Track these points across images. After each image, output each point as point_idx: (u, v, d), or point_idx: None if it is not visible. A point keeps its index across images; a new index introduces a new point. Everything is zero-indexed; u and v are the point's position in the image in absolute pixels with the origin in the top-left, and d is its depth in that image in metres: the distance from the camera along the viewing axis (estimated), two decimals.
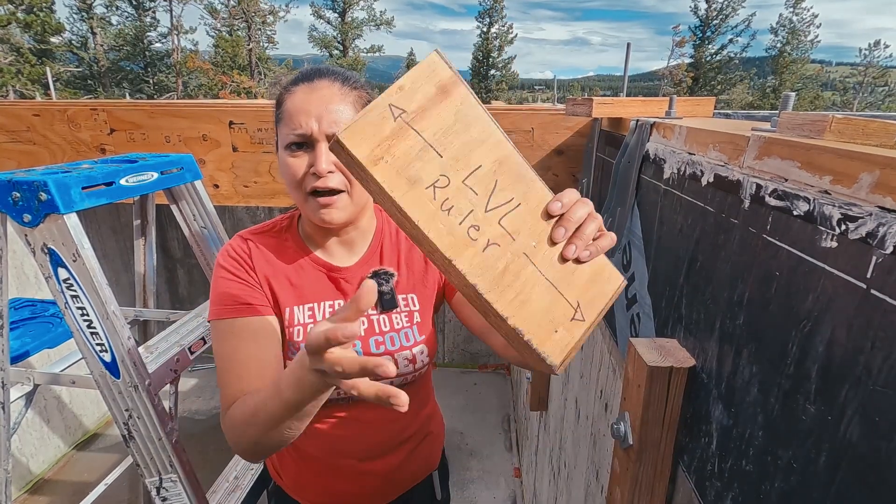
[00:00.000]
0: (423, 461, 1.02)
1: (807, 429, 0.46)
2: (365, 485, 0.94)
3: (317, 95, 0.75)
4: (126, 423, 0.90)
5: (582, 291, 0.51)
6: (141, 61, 23.59)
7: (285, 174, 0.77)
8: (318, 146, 0.74)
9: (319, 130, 0.74)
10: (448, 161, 0.47)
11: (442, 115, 0.47)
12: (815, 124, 0.52)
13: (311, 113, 0.73)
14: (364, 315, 0.49)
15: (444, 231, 0.46)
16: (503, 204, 0.49)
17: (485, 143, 0.48)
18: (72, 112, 1.73)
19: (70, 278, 0.82)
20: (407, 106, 0.45)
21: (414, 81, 0.45)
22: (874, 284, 0.39)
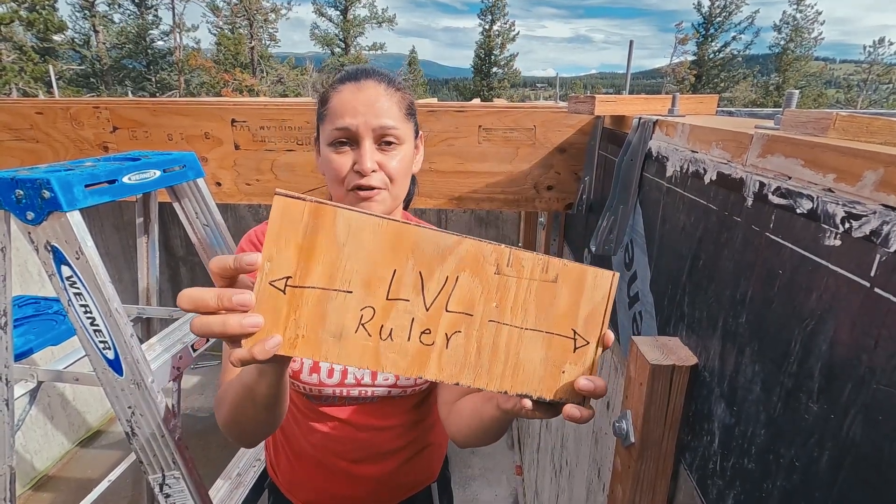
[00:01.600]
0: (422, 471, 1.01)
1: (809, 428, 0.46)
2: (358, 488, 0.93)
3: (364, 95, 0.75)
4: (129, 420, 0.90)
5: (571, 316, 0.47)
6: (143, 59, 23.61)
7: (328, 170, 0.78)
8: (363, 144, 0.75)
9: (366, 128, 0.74)
10: (360, 291, 0.43)
11: (325, 252, 0.42)
12: (819, 122, 0.52)
13: (358, 111, 0.74)
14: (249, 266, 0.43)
15: (398, 358, 0.44)
16: (441, 289, 0.44)
17: (385, 247, 0.43)
18: (74, 110, 1.73)
19: (73, 276, 0.82)
20: (286, 271, 0.41)
21: (277, 243, 0.41)
22: (878, 283, 0.39)
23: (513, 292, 0.46)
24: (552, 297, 0.47)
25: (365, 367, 0.44)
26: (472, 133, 1.58)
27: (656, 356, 0.71)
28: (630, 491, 0.77)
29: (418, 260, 0.43)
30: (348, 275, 0.42)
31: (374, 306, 0.43)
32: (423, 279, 0.43)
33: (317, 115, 0.82)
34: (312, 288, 0.42)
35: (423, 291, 0.44)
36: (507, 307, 0.45)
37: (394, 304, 0.43)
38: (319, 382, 0.84)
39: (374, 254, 0.43)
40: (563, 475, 1.71)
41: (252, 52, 23.72)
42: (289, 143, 1.67)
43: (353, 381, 0.85)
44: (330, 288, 0.42)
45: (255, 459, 1.25)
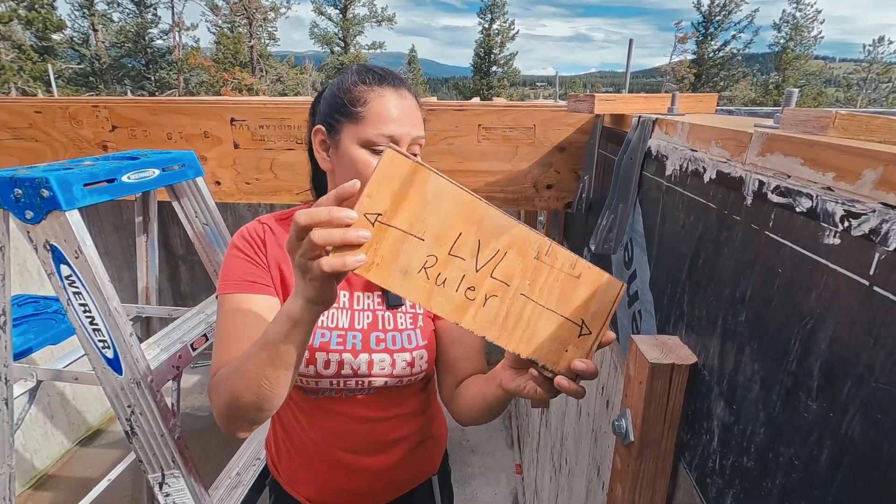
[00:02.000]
0: (422, 464, 1.02)
1: (808, 426, 0.46)
2: (359, 481, 0.93)
3: (405, 104, 0.79)
4: (129, 419, 0.90)
5: (583, 308, 0.57)
6: (142, 58, 23.57)
7: (360, 173, 0.77)
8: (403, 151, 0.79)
9: (407, 138, 0.78)
10: (430, 242, 0.52)
11: (412, 203, 0.51)
12: (819, 121, 0.52)
13: (403, 121, 0.78)
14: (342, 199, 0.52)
15: (444, 302, 0.53)
16: (491, 258, 0.54)
17: (458, 213, 0.52)
18: (73, 109, 1.73)
19: (72, 275, 0.82)
20: (379, 208, 0.50)
21: (379, 185, 0.50)
22: (877, 281, 0.39)
23: (544, 277, 0.55)
24: (572, 290, 0.56)
25: (418, 303, 0.52)
26: (472, 132, 1.57)
27: (656, 355, 0.71)
28: (629, 489, 0.77)
29: (480, 230, 0.53)
30: (425, 226, 0.51)
31: (437, 256, 0.52)
32: (480, 246, 0.53)
33: (341, 110, 0.79)
34: (395, 228, 0.50)
35: (477, 256, 0.53)
36: (536, 287, 0.55)
37: (452, 260, 0.52)
38: (316, 374, 0.83)
39: (448, 215, 0.52)
40: (562, 474, 1.71)
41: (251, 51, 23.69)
42: (288, 142, 1.67)
43: (350, 372, 0.85)
44: (408, 232, 0.51)
45: (254, 458, 1.25)
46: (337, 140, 0.80)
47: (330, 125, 0.81)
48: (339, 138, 0.80)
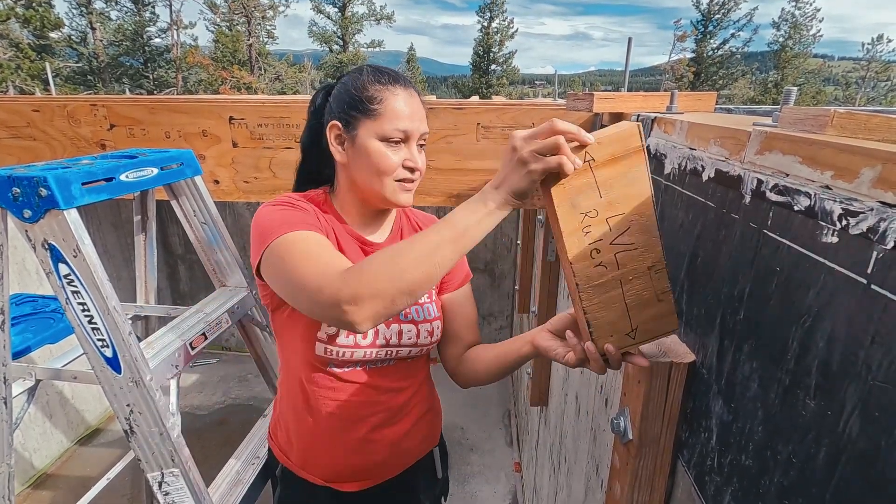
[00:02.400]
0: (426, 433, 1.09)
1: (806, 424, 0.46)
2: (373, 453, 0.98)
3: (415, 102, 0.88)
4: (127, 418, 0.90)
5: (645, 321, 0.67)
6: (140, 57, 23.51)
7: (378, 163, 0.85)
8: (412, 146, 0.87)
9: (417, 133, 0.87)
10: (604, 201, 0.62)
11: (617, 169, 0.61)
12: (817, 119, 0.52)
13: (414, 117, 0.86)
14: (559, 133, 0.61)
15: (576, 244, 0.63)
16: (625, 244, 0.64)
17: (636, 200, 0.62)
18: (72, 108, 1.72)
19: (71, 274, 0.82)
20: (597, 156, 0.61)
21: (610, 141, 0.60)
22: (875, 279, 0.39)
23: (641, 283, 0.66)
24: (648, 305, 0.67)
25: (563, 230, 0.63)
26: (471, 131, 1.57)
27: (654, 353, 0.71)
28: (628, 488, 0.77)
29: (636, 222, 0.63)
30: (608, 189, 0.62)
31: (598, 212, 0.62)
32: (626, 231, 0.63)
33: (358, 107, 0.85)
34: (592, 175, 0.61)
35: (618, 235, 0.63)
36: (631, 284, 0.66)
37: (604, 223, 0.63)
38: (355, 344, 0.89)
39: (629, 196, 0.62)
40: (561, 472, 1.71)
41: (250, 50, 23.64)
42: (287, 141, 1.67)
43: (383, 342, 0.92)
44: (596, 184, 0.61)
45: (253, 457, 1.25)
46: (354, 135, 0.86)
47: (346, 121, 0.87)
48: (356, 133, 0.86)
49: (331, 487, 1.00)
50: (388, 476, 1.03)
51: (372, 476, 1.01)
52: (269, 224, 0.81)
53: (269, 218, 0.82)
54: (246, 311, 1.34)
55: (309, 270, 0.72)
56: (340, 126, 0.87)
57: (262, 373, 1.50)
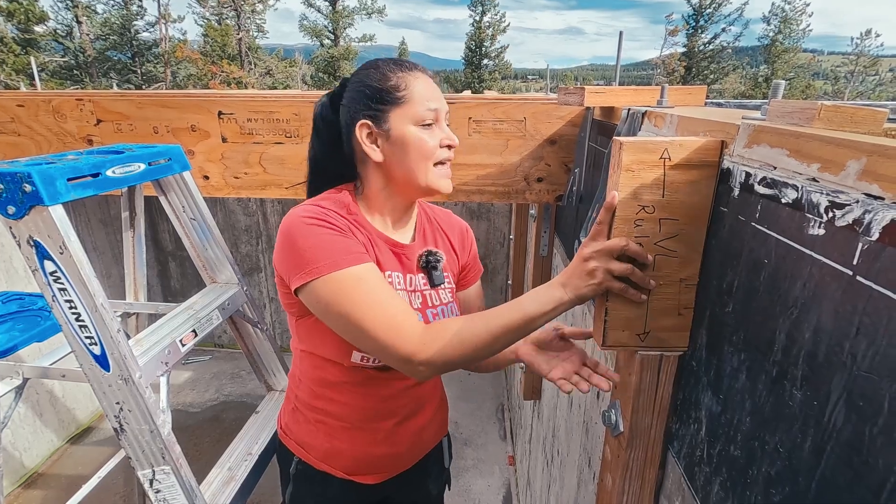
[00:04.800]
0: (440, 423, 1.13)
1: (793, 414, 0.47)
2: (398, 444, 1.01)
3: (435, 84, 0.88)
4: (117, 416, 0.89)
5: (659, 329, 0.69)
6: (128, 51, 23.14)
7: (421, 148, 0.84)
8: (443, 125, 0.88)
9: (444, 112, 0.87)
10: (664, 201, 0.63)
11: (687, 176, 0.62)
12: (805, 112, 0.52)
13: (439, 97, 0.87)
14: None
15: (624, 231, 0.65)
16: (668, 249, 0.66)
17: (694, 210, 0.63)
18: (57, 102, 1.70)
19: (57, 271, 0.81)
20: (673, 155, 0.61)
21: (692, 146, 0.61)
22: (860, 271, 0.39)
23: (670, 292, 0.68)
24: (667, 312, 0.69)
25: (616, 220, 0.65)
26: (462, 125, 1.57)
27: None
28: (619, 479, 0.78)
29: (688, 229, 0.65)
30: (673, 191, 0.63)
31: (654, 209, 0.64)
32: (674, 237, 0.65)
33: (385, 98, 0.84)
34: (662, 172, 0.63)
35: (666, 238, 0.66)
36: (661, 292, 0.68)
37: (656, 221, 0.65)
38: None
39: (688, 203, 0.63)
40: (554, 465, 1.72)
41: (240, 44, 23.37)
42: (277, 136, 1.65)
43: None
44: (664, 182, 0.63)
45: (246, 454, 1.25)
46: (387, 129, 0.84)
47: (374, 116, 0.85)
48: (389, 126, 0.84)
49: (352, 480, 1.00)
50: (406, 467, 1.06)
51: (392, 467, 1.04)
52: (310, 248, 0.77)
53: (310, 241, 0.77)
54: (237, 308, 1.33)
55: (378, 323, 0.75)
56: (371, 123, 0.85)
57: (255, 369, 1.50)
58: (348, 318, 0.76)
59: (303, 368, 0.99)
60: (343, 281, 0.75)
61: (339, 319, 0.77)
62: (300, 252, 0.77)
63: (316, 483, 1.02)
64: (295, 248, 0.78)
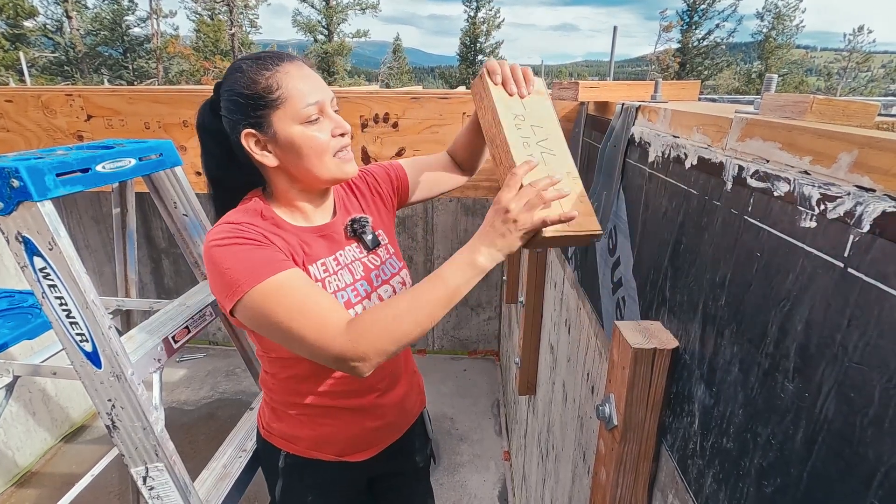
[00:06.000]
0: (418, 391, 1.17)
1: (785, 406, 0.47)
2: (385, 416, 1.04)
3: (311, 72, 0.84)
4: (109, 414, 0.89)
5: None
6: (119, 46, 22.88)
7: (313, 146, 0.82)
8: (330, 113, 0.85)
9: (329, 100, 0.84)
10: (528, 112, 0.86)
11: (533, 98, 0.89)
12: (797, 105, 0.52)
13: (318, 86, 0.83)
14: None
15: (512, 132, 0.82)
16: (547, 149, 0.83)
17: (548, 121, 0.87)
18: (46, 98, 1.68)
19: (46, 267, 0.80)
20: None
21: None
22: (851, 263, 0.39)
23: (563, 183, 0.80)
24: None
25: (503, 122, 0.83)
26: (457, 120, 1.56)
27: (638, 340, 0.72)
28: (613, 473, 0.78)
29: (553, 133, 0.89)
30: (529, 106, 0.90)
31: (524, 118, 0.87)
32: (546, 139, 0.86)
33: (260, 103, 0.79)
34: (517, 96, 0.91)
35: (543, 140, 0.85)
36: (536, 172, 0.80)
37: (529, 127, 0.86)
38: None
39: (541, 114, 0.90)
40: (549, 459, 1.73)
41: (233, 39, 23.16)
42: None
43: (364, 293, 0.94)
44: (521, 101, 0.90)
45: (240, 450, 1.25)
46: (272, 133, 0.81)
47: (256, 124, 0.81)
48: (274, 130, 0.81)
49: (343, 461, 1.03)
50: (394, 438, 1.09)
51: (382, 440, 1.07)
52: (229, 270, 0.76)
53: (228, 262, 0.76)
54: None
55: (305, 327, 0.74)
56: (254, 132, 0.81)
57: (249, 366, 1.49)
58: (278, 327, 0.75)
59: (273, 371, 0.98)
60: (266, 292, 0.75)
61: (271, 330, 0.77)
62: (222, 275, 0.76)
63: (307, 472, 1.03)
64: (218, 273, 0.77)
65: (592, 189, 1.13)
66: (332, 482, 1.05)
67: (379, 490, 1.22)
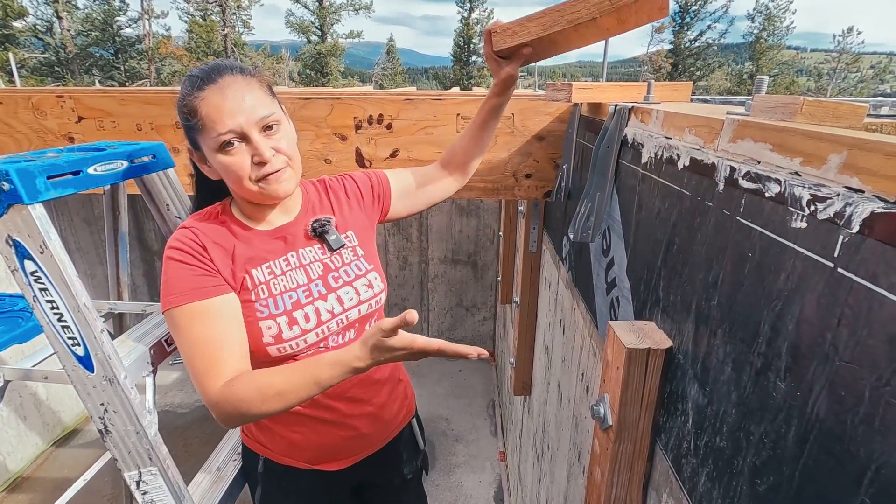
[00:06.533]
0: (402, 403, 1.13)
1: (777, 405, 0.47)
2: (358, 426, 1.01)
3: (231, 93, 0.79)
4: (102, 418, 0.88)
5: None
6: (111, 47, 22.70)
7: (228, 173, 0.82)
8: (253, 138, 0.80)
9: (248, 124, 0.79)
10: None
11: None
12: (787, 107, 0.52)
13: (236, 110, 0.78)
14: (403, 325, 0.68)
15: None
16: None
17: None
18: (36, 99, 1.66)
19: (38, 270, 0.79)
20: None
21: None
22: (841, 263, 0.40)
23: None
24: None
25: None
26: (451, 121, 1.56)
27: (632, 340, 0.72)
28: (608, 472, 0.78)
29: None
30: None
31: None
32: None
33: (185, 128, 0.83)
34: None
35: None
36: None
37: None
38: (302, 331, 0.89)
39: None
40: (544, 459, 1.74)
41: (225, 40, 23.06)
42: None
43: (328, 316, 0.92)
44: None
45: (234, 453, 1.24)
46: (203, 153, 0.84)
47: (191, 141, 0.85)
48: (203, 150, 0.83)
49: (317, 469, 1.01)
50: (373, 449, 1.06)
51: (356, 452, 1.04)
52: (165, 282, 0.83)
53: (167, 274, 0.83)
54: None
55: (195, 365, 0.80)
56: (192, 149, 0.86)
57: None
58: (181, 349, 0.82)
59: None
60: (179, 318, 0.81)
61: (179, 349, 0.84)
62: (163, 283, 0.84)
63: (284, 478, 1.03)
64: (161, 278, 0.84)
65: (586, 190, 1.13)
66: (309, 490, 1.04)
67: (367, 499, 1.20)
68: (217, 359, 0.79)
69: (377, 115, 1.55)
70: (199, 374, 0.79)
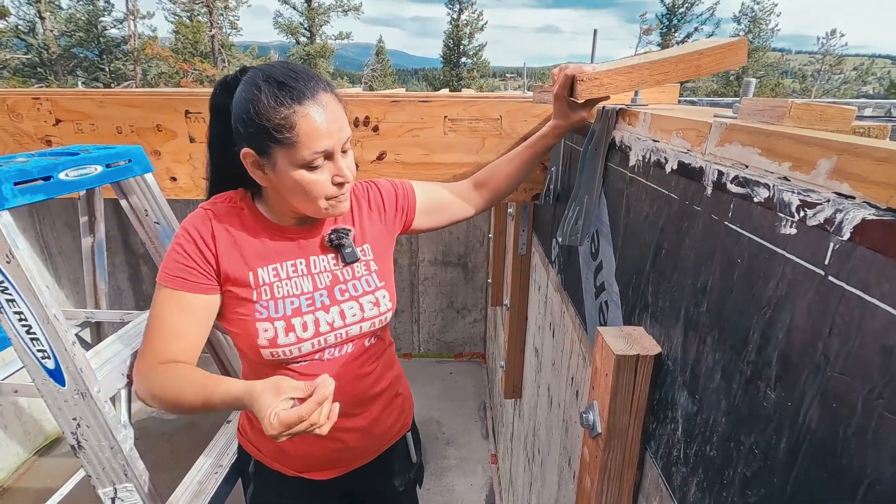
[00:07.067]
0: (397, 417, 1.11)
1: (768, 414, 0.46)
2: (346, 439, 1.00)
3: (330, 113, 0.80)
4: (74, 433, 0.85)
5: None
6: (95, 48, 22.37)
7: (308, 191, 0.81)
8: (337, 158, 0.82)
9: (338, 145, 0.81)
10: None
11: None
12: (775, 110, 0.51)
13: (333, 129, 0.79)
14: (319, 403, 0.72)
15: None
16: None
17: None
18: (12, 101, 1.61)
19: (4, 281, 0.76)
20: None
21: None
22: (831, 271, 0.38)
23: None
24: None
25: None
26: (438, 123, 1.55)
27: (621, 347, 0.71)
28: (598, 480, 0.77)
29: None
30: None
31: None
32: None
33: (270, 135, 0.77)
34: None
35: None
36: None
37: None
38: (297, 339, 0.88)
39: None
40: (535, 463, 1.72)
41: (212, 41, 22.84)
42: None
43: (327, 328, 0.91)
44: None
45: (216, 466, 1.21)
46: (273, 163, 0.81)
47: (259, 149, 0.80)
48: (275, 162, 0.80)
49: (302, 476, 1.01)
50: (362, 462, 1.05)
51: (345, 463, 1.03)
52: (167, 254, 0.88)
53: (170, 249, 0.88)
54: None
55: (147, 337, 0.85)
56: (255, 154, 0.81)
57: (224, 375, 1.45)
58: (149, 316, 0.87)
59: (244, 371, 1.02)
60: (159, 293, 0.86)
61: (149, 314, 0.88)
62: (166, 253, 0.88)
63: (273, 481, 1.02)
64: (168, 247, 0.89)
65: (574, 193, 1.12)
66: (299, 495, 1.04)
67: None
68: (167, 345, 0.83)
69: (363, 118, 1.53)
70: (145, 346, 0.83)
